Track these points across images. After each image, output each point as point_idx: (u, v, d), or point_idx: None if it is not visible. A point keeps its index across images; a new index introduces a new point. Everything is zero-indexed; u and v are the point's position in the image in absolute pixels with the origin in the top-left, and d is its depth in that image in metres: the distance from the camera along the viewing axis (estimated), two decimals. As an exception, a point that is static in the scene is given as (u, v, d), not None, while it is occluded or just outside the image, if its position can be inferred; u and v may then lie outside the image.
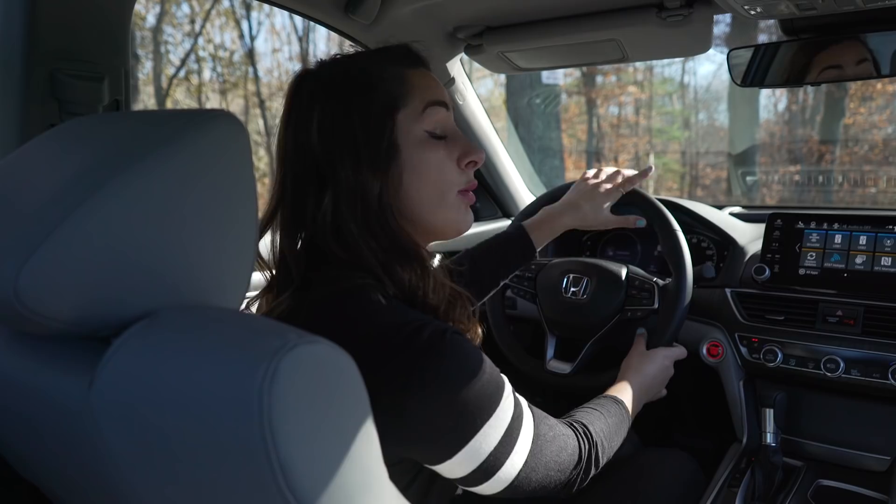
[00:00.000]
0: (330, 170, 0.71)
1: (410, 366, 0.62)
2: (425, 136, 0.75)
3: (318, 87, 0.74)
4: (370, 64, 0.75)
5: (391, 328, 0.64)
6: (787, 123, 7.41)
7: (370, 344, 0.63)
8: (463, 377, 0.64)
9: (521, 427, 0.71)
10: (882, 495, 1.09)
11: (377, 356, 0.62)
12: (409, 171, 0.74)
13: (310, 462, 0.40)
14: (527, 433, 0.71)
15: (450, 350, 0.64)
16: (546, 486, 0.75)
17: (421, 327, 0.64)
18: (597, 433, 0.84)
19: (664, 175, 8.18)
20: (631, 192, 1.21)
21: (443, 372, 0.63)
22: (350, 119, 0.71)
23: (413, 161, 0.74)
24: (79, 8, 0.86)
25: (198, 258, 0.49)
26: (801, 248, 1.23)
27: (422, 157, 0.74)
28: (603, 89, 8.42)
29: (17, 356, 0.51)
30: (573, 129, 8.50)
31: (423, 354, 0.63)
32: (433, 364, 0.63)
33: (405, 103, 0.73)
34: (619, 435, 0.90)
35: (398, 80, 0.74)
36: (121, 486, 0.47)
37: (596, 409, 0.89)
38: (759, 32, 5.29)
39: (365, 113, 0.71)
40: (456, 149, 0.77)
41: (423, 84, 0.75)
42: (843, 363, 1.12)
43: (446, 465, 0.66)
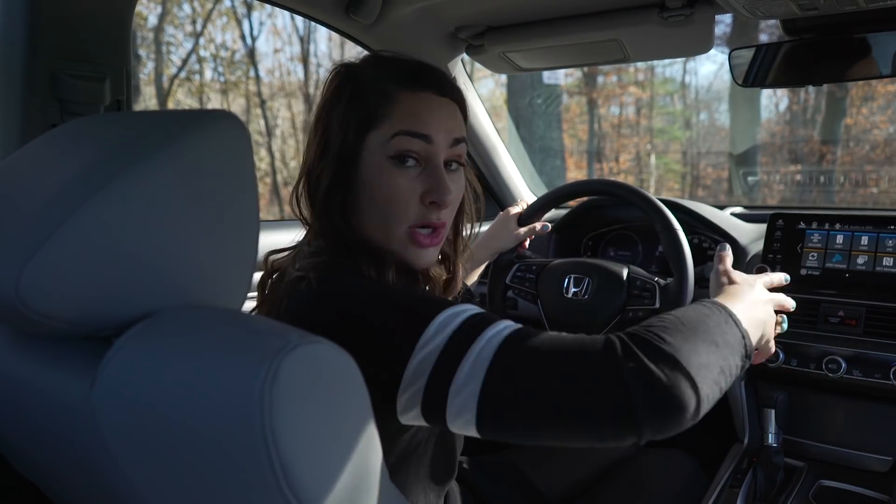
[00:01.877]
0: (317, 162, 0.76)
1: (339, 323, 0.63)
2: (388, 161, 0.73)
3: (342, 79, 0.77)
4: (379, 75, 0.76)
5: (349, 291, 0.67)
6: (789, 123, 7.41)
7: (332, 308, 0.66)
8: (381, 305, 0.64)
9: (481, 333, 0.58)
10: (884, 496, 1.09)
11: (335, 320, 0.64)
12: (362, 190, 0.75)
13: (311, 462, 0.40)
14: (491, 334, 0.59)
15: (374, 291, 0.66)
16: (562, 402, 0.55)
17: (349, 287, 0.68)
18: (638, 329, 0.61)
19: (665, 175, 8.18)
20: (632, 193, 1.21)
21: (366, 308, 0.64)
22: (331, 119, 0.76)
23: (366, 182, 0.74)
24: (80, 8, 0.86)
25: (199, 258, 0.49)
26: (802, 249, 1.23)
27: (375, 181, 0.73)
28: (604, 89, 8.42)
29: (18, 356, 0.51)
30: (574, 129, 8.50)
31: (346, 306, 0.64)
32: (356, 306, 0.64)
33: (378, 125, 0.73)
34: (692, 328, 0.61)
35: (385, 100, 0.74)
36: (121, 485, 0.47)
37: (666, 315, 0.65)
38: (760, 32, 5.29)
39: (344, 119, 0.74)
40: (424, 183, 0.74)
41: (409, 111, 0.73)
42: (845, 363, 1.12)
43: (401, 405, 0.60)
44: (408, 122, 0.73)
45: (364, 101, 0.74)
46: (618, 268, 1.23)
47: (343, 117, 0.74)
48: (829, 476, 1.16)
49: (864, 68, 1.12)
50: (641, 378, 0.54)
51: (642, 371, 0.54)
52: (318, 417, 0.41)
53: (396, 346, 0.60)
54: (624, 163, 8.31)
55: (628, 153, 8.38)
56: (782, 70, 1.19)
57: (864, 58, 1.11)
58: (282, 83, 8.39)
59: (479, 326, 0.59)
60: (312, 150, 0.77)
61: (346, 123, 0.74)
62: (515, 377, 0.56)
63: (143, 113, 0.56)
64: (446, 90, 0.77)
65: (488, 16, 1.31)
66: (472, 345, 0.58)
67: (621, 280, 1.21)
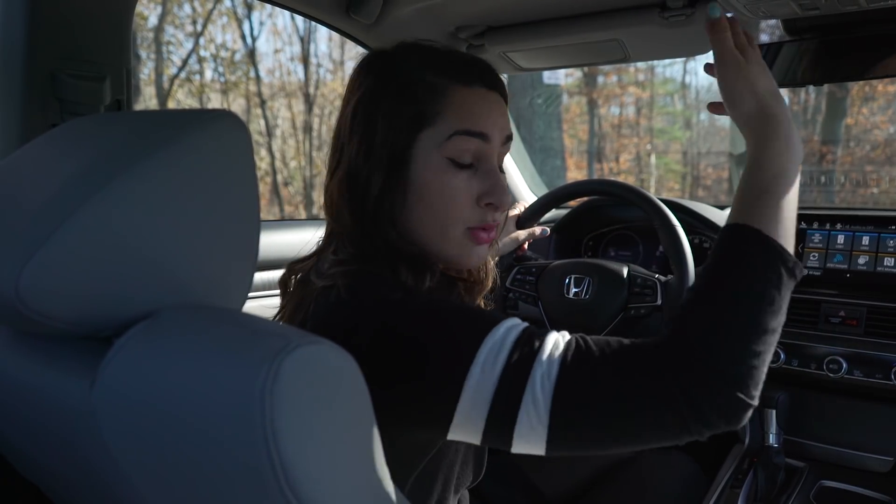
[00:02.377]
0: (346, 147, 0.71)
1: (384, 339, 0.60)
2: (444, 162, 0.69)
3: (372, 69, 0.72)
4: (426, 67, 0.70)
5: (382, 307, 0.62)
6: (789, 123, 7.40)
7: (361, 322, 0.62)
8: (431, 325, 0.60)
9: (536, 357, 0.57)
10: (885, 496, 1.09)
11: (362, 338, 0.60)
12: (414, 191, 0.69)
13: (312, 463, 0.40)
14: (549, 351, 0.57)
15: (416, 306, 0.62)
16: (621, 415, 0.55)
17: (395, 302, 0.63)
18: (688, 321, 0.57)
19: (665, 175, 8.18)
20: (631, 192, 1.21)
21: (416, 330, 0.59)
22: (374, 115, 0.69)
23: (420, 183, 0.69)
24: (80, 8, 0.86)
25: (200, 258, 0.49)
26: (803, 249, 1.23)
27: (431, 182, 0.69)
28: (604, 89, 8.43)
29: (18, 356, 0.51)
30: (574, 130, 8.51)
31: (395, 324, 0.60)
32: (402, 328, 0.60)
33: (432, 123, 0.69)
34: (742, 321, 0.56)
35: (437, 96, 0.69)
36: (122, 486, 0.47)
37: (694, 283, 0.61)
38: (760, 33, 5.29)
39: (392, 115, 0.69)
40: (480, 184, 0.71)
41: (465, 108, 0.69)
42: (846, 364, 1.12)
43: (454, 432, 0.59)
44: (465, 120, 0.69)
45: (415, 96, 0.69)
46: (618, 267, 1.23)
47: (391, 114, 0.68)
48: (829, 476, 1.15)
49: (866, 68, 1.12)
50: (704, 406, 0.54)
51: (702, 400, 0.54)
52: (319, 418, 0.41)
53: (447, 367, 0.57)
54: (624, 163, 8.32)
55: (628, 153, 8.38)
56: (783, 70, 1.18)
57: (865, 58, 1.11)
58: (282, 83, 8.40)
59: (534, 344, 0.58)
60: (354, 150, 0.69)
61: (396, 121, 0.68)
62: (584, 399, 0.55)
63: (143, 113, 0.56)
64: (496, 84, 0.73)
65: (489, 15, 1.31)
66: (533, 367, 0.56)
67: (622, 279, 1.21)
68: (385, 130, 0.68)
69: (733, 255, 0.59)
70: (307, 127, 8.34)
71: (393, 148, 0.68)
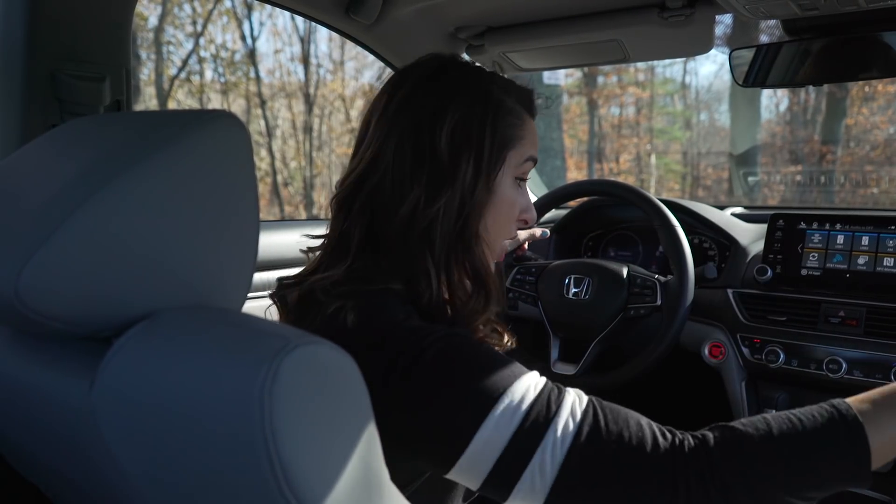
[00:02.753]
0: (452, 171, 0.70)
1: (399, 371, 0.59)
2: (516, 181, 0.77)
3: (461, 86, 0.73)
4: (506, 93, 0.75)
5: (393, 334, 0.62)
6: (789, 124, 7.42)
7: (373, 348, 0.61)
8: (450, 371, 0.59)
9: (550, 425, 0.56)
10: (885, 496, 1.09)
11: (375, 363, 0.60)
12: (491, 204, 0.74)
13: (311, 463, 0.40)
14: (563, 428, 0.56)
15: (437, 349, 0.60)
16: None
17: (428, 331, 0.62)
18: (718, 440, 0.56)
19: (665, 175, 8.18)
20: (631, 192, 1.21)
21: (429, 371, 0.59)
22: (484, 133, 0.72)
23: (498, 197, 0.74)
24: (80, 8, 0.86)
25: (199, 258, 0.49)
26: (803, 249, 1.23)
27: (504, 198, 0.75)
28: (604, 90, 8.43)
29: (18, 356, 0.51)
30: (574, 130, 8.51)
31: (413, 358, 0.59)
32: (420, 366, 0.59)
33: (514, 146, 0.75)
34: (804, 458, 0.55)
35: (519, 121, 0.75)
36: (121, 486, 0.47)
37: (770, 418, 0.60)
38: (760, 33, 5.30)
39: (494, 135, 0.73)
40: (522, 202, 0.78)
41: (532, 135, 0.78)
42: (846, 364, 1.12)
43: (455, 472, 0.59)
44: (533, 146, 0.77)
45: (506, 119, 0.74)
46: (618, 267, 1.23)
47: (491, 130, 0.72)
48: (829, 476, 1.15)
49: (865, 68, 1.12)
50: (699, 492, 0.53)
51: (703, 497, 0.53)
52: (319, 418, 0.41)
53: (461, 414, 0.57)
54: (624, 163, 8.32)
55: (628, 153, 8.38)
56: (783, 70, 1.19)
57: (865, 58, 1.11)
58: (282, 84, 8.40)
59: (551, 409, 0.57)
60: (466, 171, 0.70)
61: (493, 138, 0.72)
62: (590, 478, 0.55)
63: (142, 113, 0.56)
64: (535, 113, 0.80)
65: (488, 16, 1.31)
66: (546, 435, 0.56)
67: (621, 279, 1.21)
68: (490, 148, 0.72)
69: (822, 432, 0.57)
70: (307, 127, 8.35)
71: (495, 163, 0.73)
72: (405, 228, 0.69)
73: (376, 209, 0.71)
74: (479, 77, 0.75)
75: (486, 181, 0.72)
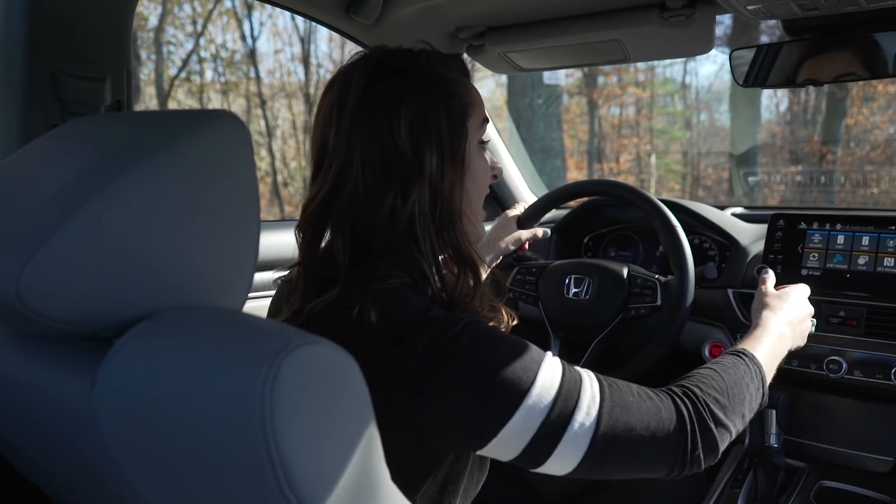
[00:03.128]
0: (418, 166, 0.71)
1: (433, 360, 0.63)
2: (481, 146, 0.80)
3: (404, 78, 0.73)
4: (445, 68, 0.76)
5: (413, 323, 0.65)
6: (789, 124, 7.41)
7: (395, 339, 0.64)
8: (486, 364, 0.64)
9: (579, 397, 0.65)
10: (885, 496, 1.09)
11: (402, 352, 0.63)
12: (470, 176, 0.77)
13: (312, 463, 0.40)
14: (588, 403, 0.65)
15: (469, 341, 0.64)
16: (642, 460, 0.67)
17: (440, 320, 0.65)
18: (704, 390, 0.72)
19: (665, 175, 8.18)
20: (631, 192, 1.21)
21: (465, 362, 0.63)
22: (439, 118, 0.72)
23: (473, 167, 0.77)
24: (81, 9, 0.86)
25: (200, 258, 0.49)
26: (803, 249, 1.23)
27: (478, 164, 0.78)
28: (604, 90, 8.42)
29: (18, 356, 0.51)
30: (575, 130, 8.51)
31: (445, 347, 0.63)
32: (455, 356, 0.63)
33: (471, 113, 0.76)
34: (743, 386, 0.77)
35: (467, 90, 0.77)
36: (121, 486, 0.47)
37: (708, 368, 0.78)
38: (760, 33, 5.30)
39: (449, 115, 0.73)
40: (489, 160, 0.82)
41: (478, 96, 0.79)
42: (846, 364, 1.12)
43: (489, 448, 0.64)
44: (483, 109, 0.79)
45: (456, 93, 0.75)
46: (618, 267, 1.23)
47: (448, 115, 0.73)
48: (830, 477, 1.15)
49: (866, 68, 1.12)
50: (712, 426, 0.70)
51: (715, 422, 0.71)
52: (319, 418, 0.41)
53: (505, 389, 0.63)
54: (624, 163, 8.32)
55: (629, 154, 8.38)
56: (783, 70, 1.19)
57: (865, 58, 1.11)
58: (282, 84, 8.39)
59: (575, 390, 0.65)
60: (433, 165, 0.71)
61: (452, 120, 0.74)
62: (611, 452, 0.66)
63: (143, 113, 0.56)
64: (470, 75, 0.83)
65: (489, 16, 1.31)
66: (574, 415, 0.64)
67: (622, 279, 1.21)
68: (448, 129, 0.73)
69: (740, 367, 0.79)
70: (307, 127, 8.34)
71: (459, 142, 0.74)
72: (388, 231, 0.71)
73: (355, 221, 0.72)
74: (416, 63, 0.75)
75: (454, 161, 0.73)
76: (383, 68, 0.73)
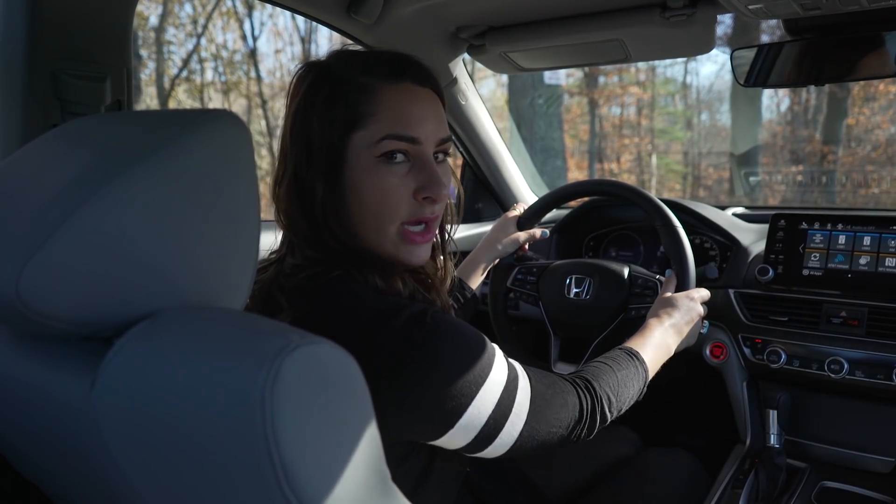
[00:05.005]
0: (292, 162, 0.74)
1: (396, 351, 0.64)
2: (376, 161, 0.71)
3: (315, 77, 0.74)
4: (353, 68, 0.73)
5: (375, 315, 0.66)
6: (790, 124, 7.40)
7: (361, 330, 0.65)
8: (448, 355, 0.66)
9: (517, 390, 0.71)
10: (887, 497, 1.09)
11: (368, 342, 0.64)
12: (352, 191, 0.72)
13: (312, 463, 0.40)
14: (523, 396, 0.72)
15: (430, 331, 0.65)
16: (548, 443, 0.75)
17: (399, 310, 0.66)
18: (601, 386, 0.82)
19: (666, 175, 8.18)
20: (632, 192, 1.21)
21: (427, 352, 0.64)
22: (311, 120, 0.72)
23: (356, 183, 0.72)
24: (81, 8, 0.86)
25: (200, 258, 0.49)
26: (804, 249, 1.23)
27: (365, 182, 0.72)
28: (605, 90, 8.42)
29: (19, 356, 0.51)
30: (575, 130, 8.50)
31: (406, 338, 0.65)
32: (417, 346, 0.64)
33: (365, 125, 0.71)
34: (630, 387, 0.87)
35: (367, 95, 0.71)
36: (122, 486, 0.47)
37: (605, 364, 0.87)
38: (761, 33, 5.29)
39: (325, 119, 0.71)
40: (416, 179, 0.73)
41: (395, 109, 0.71)
42: (848, 364, 1.12)
43: (445, 438, 0.68)
44: (396, 123, 0.71)
45: (345, 98, 0.71)
46: (619, 267, 1.23)
47: (324, 118, 0.71)
48: (831, 477, 1.15)
49: (867, 68, 1.12)
50: (599, 420, 0.81)
51: (602, 417, 0.82)
52: (320, 418, 0.41)
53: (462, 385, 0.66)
54: (625, 163, 8.31)
55: (629, 153, 8.37)
56: (784, 70, 1.18)
57: (867, 57, 1.11)
58: (283, 83, 8.39)
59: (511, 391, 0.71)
60: (296, 156, 0.73)
61: (329, 124, 0.71)
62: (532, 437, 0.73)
63: (143, 112, 0.56)
64: (426, 79, 0.75)
65: (489, 15, 1.31)
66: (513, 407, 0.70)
67: (622, 279, 1.21)
68: (319, 135, 0.72)
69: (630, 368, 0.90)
70: None
71: (329, 152, 0.72)
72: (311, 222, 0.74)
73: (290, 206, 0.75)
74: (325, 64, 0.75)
75: (326, 176, 0.72)
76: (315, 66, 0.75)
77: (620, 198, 1.27)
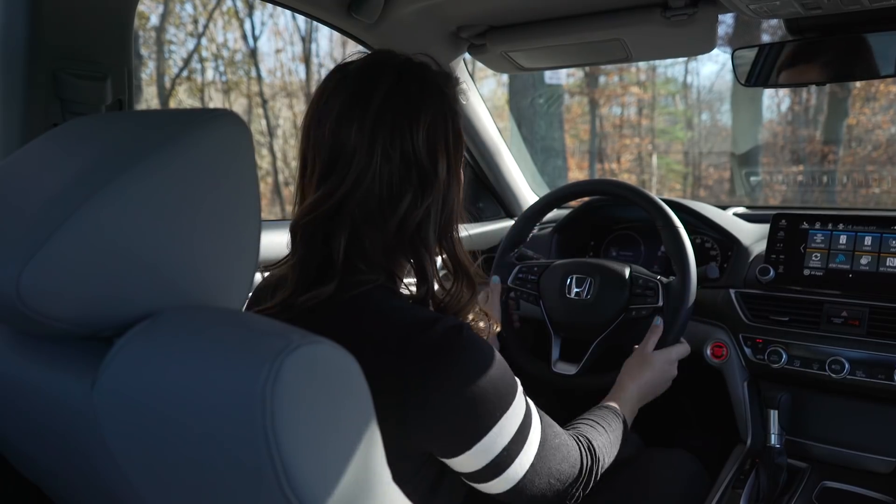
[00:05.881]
0: (433, 172, 0.74)
1: (432, 359, 0.65)
2: None
3: (423, 85, 0.75)
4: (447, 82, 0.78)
5: (413, 324, 0.67)
6: (791, 124, 7.40)
7: (393, 340, 0.66)
8: (481, 370, 0.67)
9: (531, 427, 0.73)
10: (887, 497, 1.09)
11: (400, 352, 0.65)
12: (459, 189, 0.79)
13: (312, 463, 0.40)
14: (535, 435, 0.73)
15: (468, 344, 0.67)
16: (546, 494, 0.76)
17: (437, 321, 0.67)
18: (599, 448, 0.86)
19: (667, 175, 8.18)
20: (633, 192, 1.21)
21: (462, 364, 0.66)
22: (448, 130, 0.75)
23: (462, 181, 0.80)
24: (82, 8, 0.86)
25: (200, 258, 0.49)
26: (805, 249, 1.23)
27: (462, 178, 0.80)
28: (606, 89, 8.41)
29: (19, 356, 0.51)
30: (576, 130, 8.50)
31: (444, 348, 0.66)
32: (453, 357, 0.66)
33: (465, 129, 0.79)
34: (616, 448, 0.92)
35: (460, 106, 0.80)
36: (122, 485, 0.47)
37: (599, 424, 0.92)
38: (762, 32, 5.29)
39: (455, 128, 0.77)
40: None
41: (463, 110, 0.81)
42: (848, 364, 1.11)
43: (462, 458, 0.68)
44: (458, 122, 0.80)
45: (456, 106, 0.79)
46: (620, 267, 1.23)
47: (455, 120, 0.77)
48: (832, 477, 1.15)
49: (867, 68, 1.11)
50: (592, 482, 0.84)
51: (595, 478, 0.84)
52: (320, 418, 0.41)
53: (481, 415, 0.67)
54: (626, 163, 8.31)
55: (630, 153, 8.37)
56: (785, 70, 1.18)
57: (868, 57, 1.11)
58: (283, 83, 8.39)
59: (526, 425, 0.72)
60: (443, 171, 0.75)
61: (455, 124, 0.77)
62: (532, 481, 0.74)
63: (144, 112, 0.56)
64: None
65: (490, 15, 1.31)
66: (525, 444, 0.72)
67: (624, 279, 1.21)
68: (455, 138, 0.77)
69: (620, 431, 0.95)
70: None
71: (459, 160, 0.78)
72: (395, 234, 0.73)
73: (363, 220, 0.73)
74: (434, 78, 0.77)
75: (457, 171, 0.78)
76: (404, 77, 0.74)
77: (621, 198, 1.27)
